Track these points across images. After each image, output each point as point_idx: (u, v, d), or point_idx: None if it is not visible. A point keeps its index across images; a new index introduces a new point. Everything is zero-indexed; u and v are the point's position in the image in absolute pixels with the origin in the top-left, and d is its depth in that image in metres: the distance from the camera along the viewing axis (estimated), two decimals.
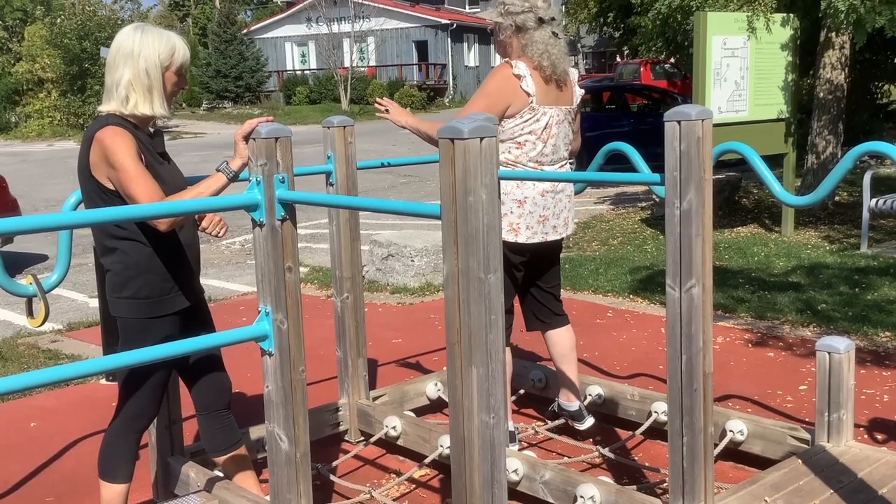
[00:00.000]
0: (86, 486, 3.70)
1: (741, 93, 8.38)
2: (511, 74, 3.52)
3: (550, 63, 3.53)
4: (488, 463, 2.22)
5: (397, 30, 41.66)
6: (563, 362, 3.88)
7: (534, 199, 3.58)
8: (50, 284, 3.35)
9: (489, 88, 3.54)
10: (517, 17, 3.55)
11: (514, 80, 3.51)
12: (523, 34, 3.55)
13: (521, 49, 3.57)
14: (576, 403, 3.91)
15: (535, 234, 3.62)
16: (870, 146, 2.88)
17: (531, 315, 3.91)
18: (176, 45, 2.88)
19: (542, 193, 3.60)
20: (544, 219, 3.62)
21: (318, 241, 9.76)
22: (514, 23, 3.55)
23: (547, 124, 3.56)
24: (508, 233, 3.57)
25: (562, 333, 3.88)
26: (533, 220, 3.60)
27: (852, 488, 3.02)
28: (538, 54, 3.52)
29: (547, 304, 3.86)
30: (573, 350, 3.91)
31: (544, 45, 3.52)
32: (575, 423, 3.92)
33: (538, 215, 3.61)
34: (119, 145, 2.72)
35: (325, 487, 3.61)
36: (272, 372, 2.69)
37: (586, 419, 3.90)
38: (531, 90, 3.51)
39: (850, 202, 10.06)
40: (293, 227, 2.66)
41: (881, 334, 5.38)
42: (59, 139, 28.56)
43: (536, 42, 3.52)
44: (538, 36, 3.53)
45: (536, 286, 3.84)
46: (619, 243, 8.89)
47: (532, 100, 3.52)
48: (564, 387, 3.91)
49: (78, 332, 6.30)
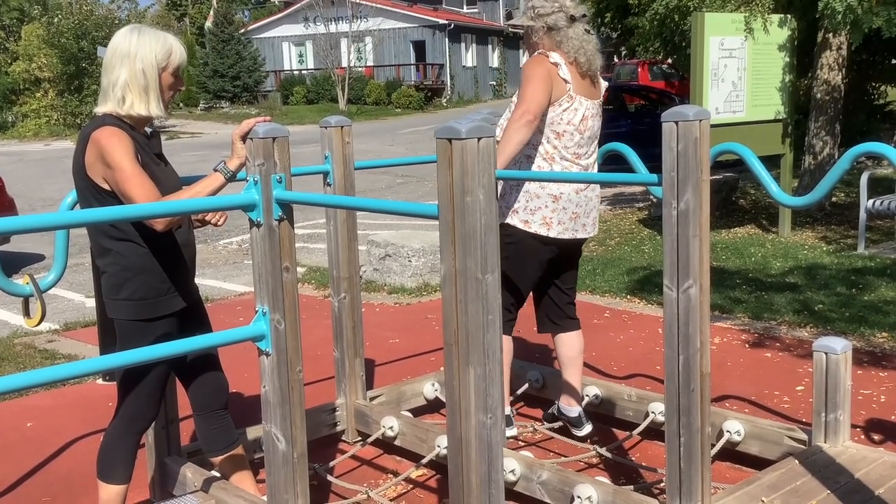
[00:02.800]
0: (83, 487, 3.69)
1: (738, 93, 8.39)
2: (548, 62, 3.51)
3: (587, 59, 3.55)
4: (485, 463, 2.22)
5: (395, 30, 41.65)
6: (569, 366, 3.88)
7: (569, 195, 3.59)
8: (46, 284, 3.34)
9: (533, 73, 3.49)
10: (548, 18, 3.56)
11: (553, 67, 3.51)
12: (556, 33, 3.55)
13: (556, 46, 3.56)
14: (576, 409, 3.90)
15: (567, 230, 3.63)
16: (867, 147, 2.88)
17: (545, 317, 3.91)
18: (172, 46, 2.88)
19: (577, 191, 3.61)
20: (576, 216, 3.64)
21: (315, 241, 9.76)
22: (545, 24, 3.57)
23: (584, 116, 3.57)
24: (541, 226, 3.59)
25: (572, 337, 3.88)
26: (566, 217, 3.61)
27: (849, 489, 3.02)
28: (574, 50, 3.53)
29: (562, 306, 3.86)
30: (580, 355, 3.91)
31: (579, 41, 3.54)
32: (573, 428, 3.92)
33: (571, 212, 3.62)
34: (115, 145, 2.72)
35: (323, 487, 3.60)
36: (269, 372, 2.69)
37: (585, 426, 3.89)
38: (568, 77, 3.51)
39: (847, 203, 10.07)
40: (290, 227, 2.66)
41: (878, 335, 5.38)
42: (55, 139, 28.53)
43: (571, 38, 3.54)
44: (572, 33, 3.54)
45: (555, 286, 3.84)
46: (617, 244, 8.89)
47: (570, 87, 3.52)
48: (566, 391, 3.90)
49: (74, 332, 6.29)
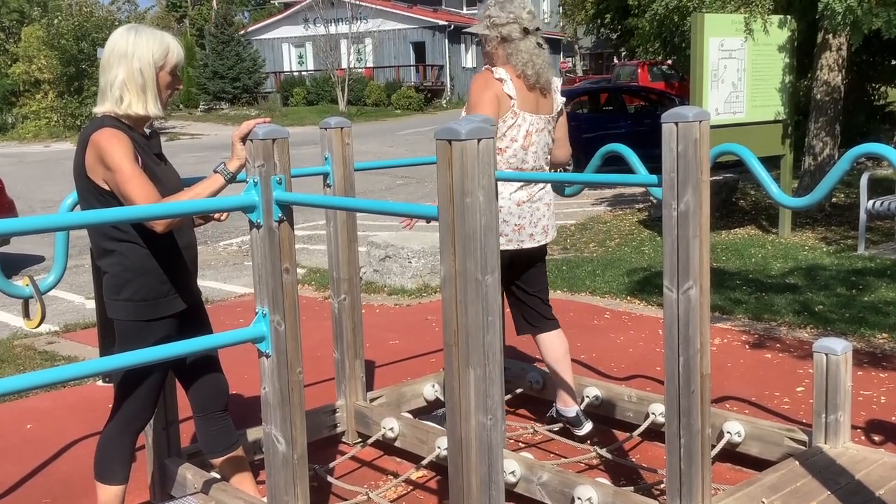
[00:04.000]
0: (82, 488, 3.69)
1: (738, 94, 8.39)
2: (493, 78, 3.62)
3: (535, 72, 3.64)
4: (485, 465, 2.22)
5: (394, 31, 41.65)
6: (557, 367, 3.89)
7: (509, 208, 3.67)
8: (46, 286, 3.34)
9: (480, 98, 3.60)
10: (503, 29, 3.65)
11: (497, 83, 3.60)
12: (508, 44, 3.65)
13: (507, 58, 3.66)
14: (573, 409, 3.90)
15: (511, 242, 3.69)
16: (867, 148, 2.88)
17: (520, 318, 3.94)
18: (170, 44, 2.88)
19: (518, 204, 3.69)
20: (520, 227, 3.71)
21: (315, 243, 9.76)
22: (499, 34, 3.66)
23: (527, 131, 3.65)
24: None
25: (553, 338, 3.89)
26: (508, 229, 3.68)
27: (849, 490, 3.02)
28: (522, 63, 3.63)
29: (535, 307, 3.89)
30: (566, 355, 3.92)
31: (529, 54, 3.64)
32: (573, 428, 3.92)
33: (514, 224, 3.69)
34: (115, 146, 2.72)
35: (323, 489, 3.60)
36: (269, 373, 2.69)
37: (584, 424, 3.90)
38: (512, 93, 3.60)
39: (848, 204, 10.07)
40: (290, 228, 2.66)
41: (878, 336, 5.38)
42: (55, 140, 28.52)
43: (521, 52, 3.63)
44: (523, 46, 3.64)
45: (521, 289, 3.88)
46: (617, 245, 8.89)
47: (514, 103, 3.60)
48: (561, 392, 3.91)
49: (74, 334, 6.29)
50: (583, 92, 17.79)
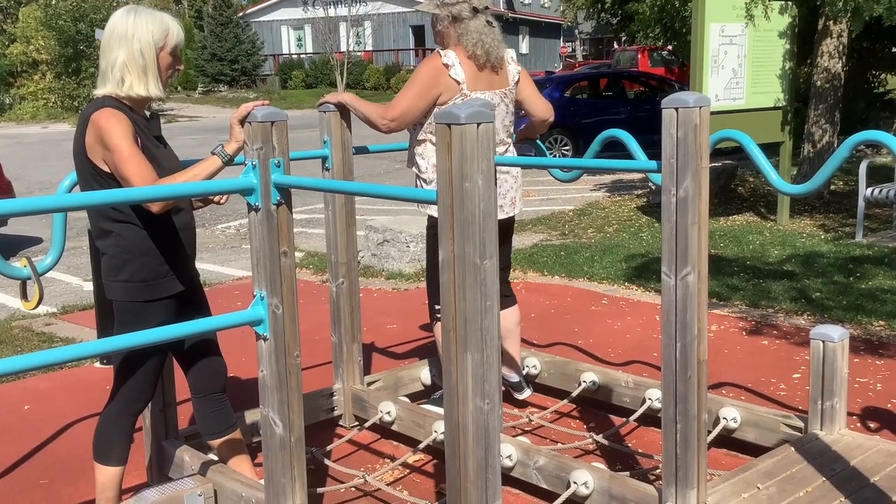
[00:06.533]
0: (80, 469, 3.70)
1: (738, 80, 8.37)
2: (440, 64, 3.64)
3: (484, 51, 3.66)
4: (482, 448, 2.23)
5: (394, 14, 41.48)
6: (506, 337, 4.02)
7: None
8: (44, 267, 3.33)
9: (418, 78, 3.65)
10: (452, 8, 3.67)
11: (443, 70, 3.63)
12: (459, 24, 3.67)
13: (458, 39, 3.68)
14: (516, 376, 4.17)
15: None
16: (866, 135, 2.87)
17: None
18: (169, 25, 2.88)
19: None
20: None
21: (313, 226, 9.75)
22: (450, 13, 3.68)
23: None
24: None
25: (506, 312, 3.98)
26: None
27: (845, 476, 3.04)
28: (472, 43, 3.65)
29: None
30: (517, 326, 4.09)
31: (478, 34, 3.66)
32: (515, 392, 4.18)
33: None
34: (114, 127, 2.71)
35: (320, 472, 3.61)
36: (267, 356, 2.69)
37: (525, 390, 4.20)
38: (460, 78, 3.63)
39: (846, 191, 10.07)
40: (289, 211, 2.65)
41: (875, 323, 5.39)
42: (53, 121, 28.44)
43: (471, 31, 3.65)
44: (473, 25, 3.66)
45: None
46: (615, 231, 8.89)
47: (463, 86, 3.63)
48: (506, 360, 4.06)
49: (72, 315, 6.29)
50: (582, 77, 17.72)
